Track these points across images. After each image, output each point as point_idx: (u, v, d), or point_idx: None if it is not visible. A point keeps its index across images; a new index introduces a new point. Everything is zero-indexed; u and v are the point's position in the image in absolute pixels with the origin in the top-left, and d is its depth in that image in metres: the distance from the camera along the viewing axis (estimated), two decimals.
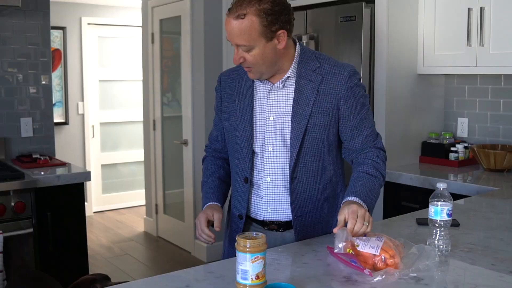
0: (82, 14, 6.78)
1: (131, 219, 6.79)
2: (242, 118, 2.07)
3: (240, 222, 2.14)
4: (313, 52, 2.09)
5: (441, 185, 1.83)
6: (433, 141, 3.78)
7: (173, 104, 5.64)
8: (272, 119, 2.03)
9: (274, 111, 2.03)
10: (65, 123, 6.73)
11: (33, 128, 4.17)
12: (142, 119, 6.17)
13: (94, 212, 7.02)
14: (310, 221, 2.07)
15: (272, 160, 2.04)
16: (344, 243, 1.66)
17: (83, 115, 6.87)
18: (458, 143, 3.71)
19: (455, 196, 2.90)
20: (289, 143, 2.01)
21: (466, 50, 3.41)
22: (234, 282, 1.53)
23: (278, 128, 2.02)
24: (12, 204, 3.24)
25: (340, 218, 1.77)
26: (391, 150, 3.59)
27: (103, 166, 7.14)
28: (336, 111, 2.01)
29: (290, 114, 2.00)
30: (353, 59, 3.52)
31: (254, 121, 2.06)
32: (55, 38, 6.49)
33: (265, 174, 2.06)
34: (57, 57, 6.56)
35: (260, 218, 2.11)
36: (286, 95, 2.02)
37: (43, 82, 4.21)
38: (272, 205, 2.07)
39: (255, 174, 2.08)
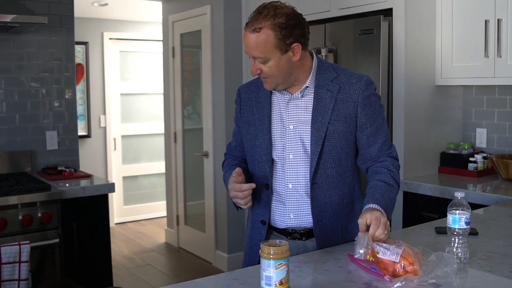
0: (104, 29, 6.91)
1: (152, 230, 6.86)
2: (261, 127, 2.15)
3: (263, 228, 2.19)
4: (330, 64, 2.18)
5: (459, 194, 1.86)
6: (452, 151, 3.80)
7: (193, 117, 5.72)
8: (292, 127, 2.11)
9: (293, 120, 2.11)
10: (88, 136, 6.84)
11: (58, 141, 4.26)
12: (163, 131, 6.26)
13: (116, 224, 7.11)
14: (330, 226, 2.13)
15: (294, 167, 2.11)
16: (364, 250, 1.71)
17: (105, 128, 6.98)
18: (477, 153, 3.73)
19: (474, 206, 2.92)
20: (309, 150, 2.08)
21: (484, 61, 3.44)
22: None
23: (298, 136, 2.10)
24: (39, 215, 3.32)
25: (362, 221, 1.83)
26: (410, 161, 3.63)
27: (124, 178, 7.23)
28: (354, 118, 2.09)
29: (310, 122, 2.08)
30: (372, 71, 3.57)
31: (273, 130, 2.14)
32: (78, 53, 6.62)
33: (286, 181, 2.12)
34: (79, 72, 6.68)
35: (283, 226, 2.16)
36: (305, 104, 2.10)
37: (67, 96, 4.31)
38: (295, 211, 2.13)
39: (276, 181, 2.15)
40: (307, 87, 2.10)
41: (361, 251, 1.72)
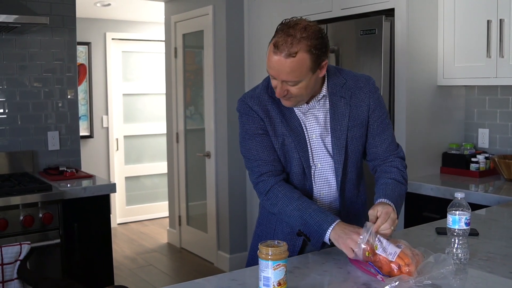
0: (107, 29, 6.92)
1: (154, 230, 6.86)
2: (299, 139, 2.07)
3: (299, 239, 2.10)
4: (334, 67, 2.16)
5: (459, 194, 1.86)
6: (454, 152, 3.78)
7: (195, 117, 5.71)
8: (314, 137, 2.09)
9: (315, 129, 2.09)
10: (90, 136, 6.85)
11: (59, 141, 4.26)
12: (165, 132, 6.26)
13: (118, 224, 7.11)
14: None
15: (322, 175, 2.11)
16: (364, 246, 1.71)
17: (107, 128, 6.98)
18: (479, 153, 3.72)
19: (476, 206, 2.92)
20: (332, 158, 2.08)
21: (486, 61, 3.43)
22: None
23: (322, 144, 2.09)
24: (40, 215, 3.32)
25: (373, 213, 1.84)
26: (412, 161, 3.61)
27: (127, 178, 7.24)
28: (366, 121, 2.11)
29: (329, 131, 2.07)
30: (374, 71, 3.56)
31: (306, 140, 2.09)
32: (80, 53, 6.62)
33: (317, 190, 2.12)
34: (82, 72, 6.69)
35: None
36: (324, 113, 2.09)
37: (69, 97, 4.31)
38: None
39: (313, 192, 2.13)
40: (323, 95, 2.07)
41: (363, 246, 1.71)
